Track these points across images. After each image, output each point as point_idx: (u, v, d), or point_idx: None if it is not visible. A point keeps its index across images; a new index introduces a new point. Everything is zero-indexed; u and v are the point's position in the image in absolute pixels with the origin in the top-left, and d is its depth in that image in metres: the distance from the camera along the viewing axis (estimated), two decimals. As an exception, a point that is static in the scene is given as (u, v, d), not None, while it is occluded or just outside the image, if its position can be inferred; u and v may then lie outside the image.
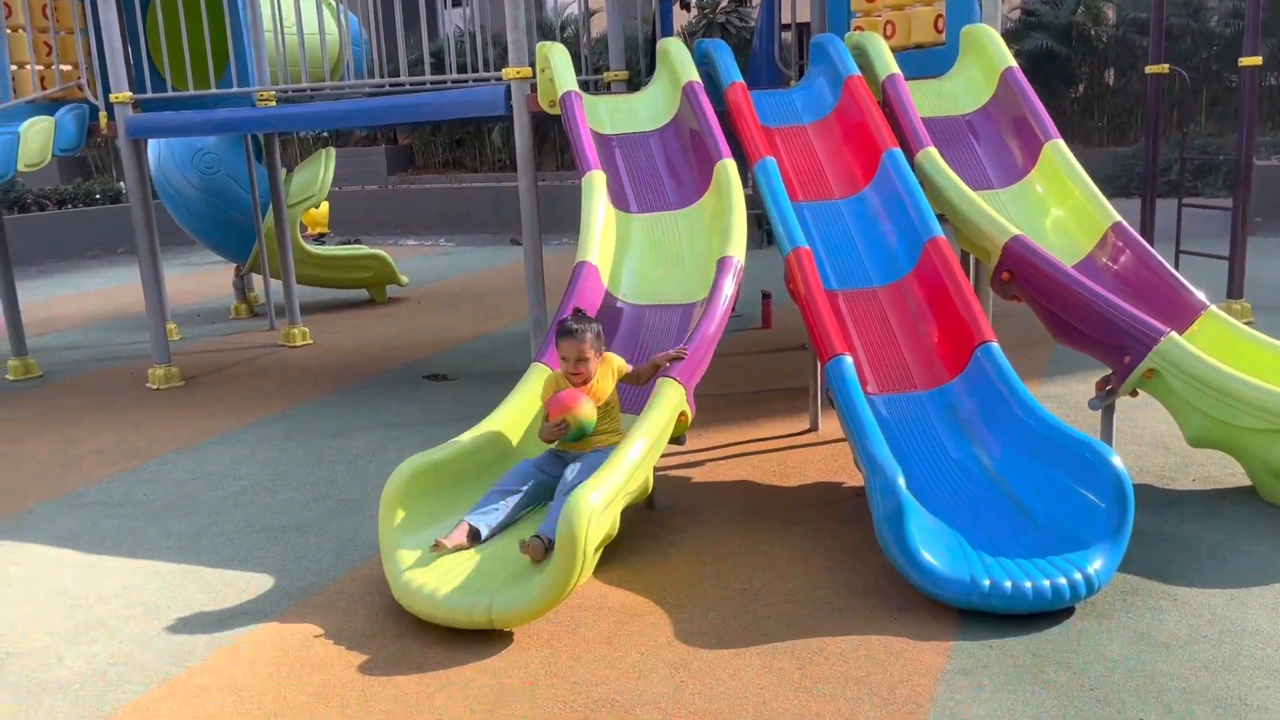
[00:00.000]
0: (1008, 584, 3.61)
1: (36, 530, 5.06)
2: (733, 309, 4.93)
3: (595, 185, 5.43)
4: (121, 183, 19.04)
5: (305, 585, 4.28)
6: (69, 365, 8.85)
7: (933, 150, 5.63)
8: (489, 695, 3.37)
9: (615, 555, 4.31)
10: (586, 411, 4.21)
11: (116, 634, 3.93)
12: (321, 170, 10.81)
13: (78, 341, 9.95)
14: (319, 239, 14.80)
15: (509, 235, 17.46)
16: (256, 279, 11.06)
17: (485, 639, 3.69)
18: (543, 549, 3.84)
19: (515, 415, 4.61)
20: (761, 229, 12.90)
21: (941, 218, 5.35)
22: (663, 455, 4.46)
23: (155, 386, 7.80)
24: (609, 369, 4.45)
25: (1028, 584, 3.61)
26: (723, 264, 4.92)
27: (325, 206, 15.12)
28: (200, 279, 13.86)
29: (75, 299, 12.76)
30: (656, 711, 3.23)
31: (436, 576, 3.85)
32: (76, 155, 6.96)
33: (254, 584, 4.32)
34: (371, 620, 3.93)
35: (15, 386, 8.19)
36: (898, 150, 5.55)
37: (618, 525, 3.98)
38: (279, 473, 5.75)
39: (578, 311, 4.48)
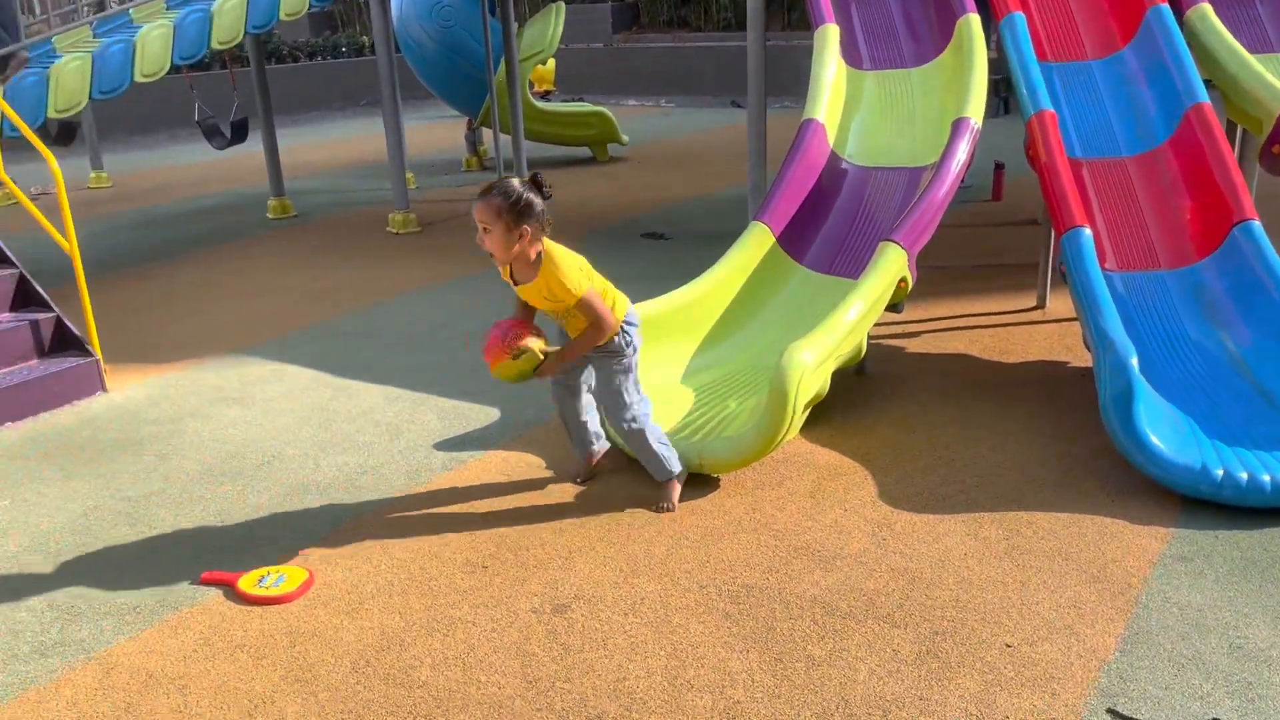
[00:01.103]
0: (1243, 475, 3.41)
1: (294, 354, 5.59)
2: (963, 177, 4.73)
3: (828, 39, 5.26)
4: (365, 36, 19.90)
5: (528, 419, 4.57)
6: (318, 207, 9.55)
7: (1206, 6, 5.10)
8: (695, 534, 3.54)
9: (823, 417, 4.34)
10: (505, 368, 3.47)
11: (364, 448, 4.35)
12: (551, 25, 10.94)
13: (325, 186, 10.67)
14: (545, 95, 15.08)
15: (730, 98, 17.19)
16: (487, 133, 11.45)
17: (692, 482, 3.85)
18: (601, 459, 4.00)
19: (732, 273, 4.66)
20: (999, 96, 12.12)
21: (1208, 83, 4.89)
22: (878, 323, 4.41)
23: (394, 230, 8.31)
24: (560, 265, 3.38)
25: (1266, 477, 3.40)
26: (958, 126, 4.71)
27: (551, 63, 15.34)
28: (435, 131, 14.47)
29: (321, 146, 13.65)
30: (858, 565, 3.31)
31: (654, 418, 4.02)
32: (326, 9, 7.33)
33: (481, 415, 4.64)
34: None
35: (274, 224, 8.92)
36: (1165, 6, 5.07)
37: (828, 386, 4.00)
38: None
39: (535, 176, 3.38)
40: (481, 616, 3.11)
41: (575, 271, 3.40)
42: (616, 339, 3.55)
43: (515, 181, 3.32)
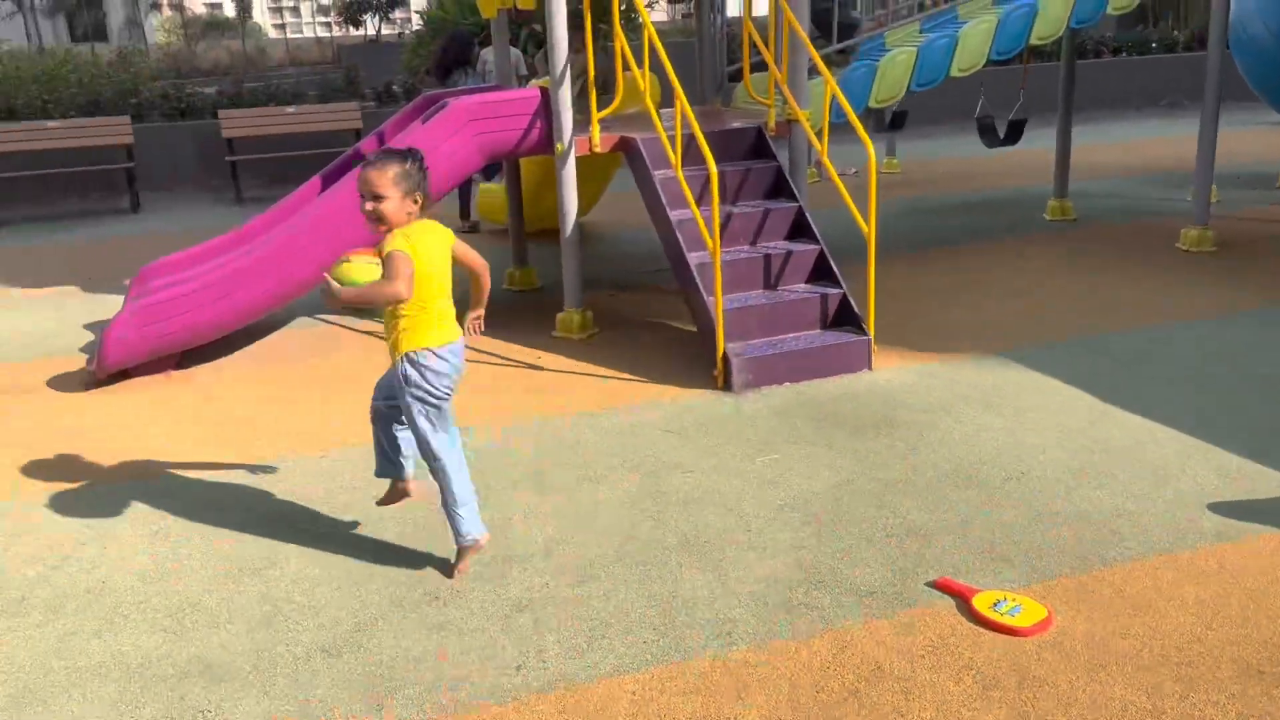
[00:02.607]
0: None
1: (1055, 366, 5.30)
2: None
3: None
4: (1178, 31, 18.33)
5: (1337, 503, 3.74)
6: (1099, 212, 9.00)
7: None
8: None
9: None
10: (346, 268, 3.26)
11: (1123, 488, 3.94)
12: None
13: (1108, 190, 10.04)
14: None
15: None
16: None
17: None
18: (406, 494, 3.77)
19: None
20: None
21: None
22: None
23: (1185, 248, 7.48)
24: (426, 236, 3.29)
25: None
26: None
27: None
28: (1246, 138, 12.78)
29: (1110, 147, 12.88)
30: None
31: None
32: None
33: (1271, 482, 3.91)
34: None
35: (1050, 225, 8.63)
36: None
37: None
38: (1317, 368, 5.07)
39: (412, 150, 3.32)
40: (1250, 734, 2.59)
41: (400, 236, 3.21)
42: (401, 365, 3.32)
43: (401, 152, 3.28)
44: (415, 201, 3.23)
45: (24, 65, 13.82)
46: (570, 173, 5.97)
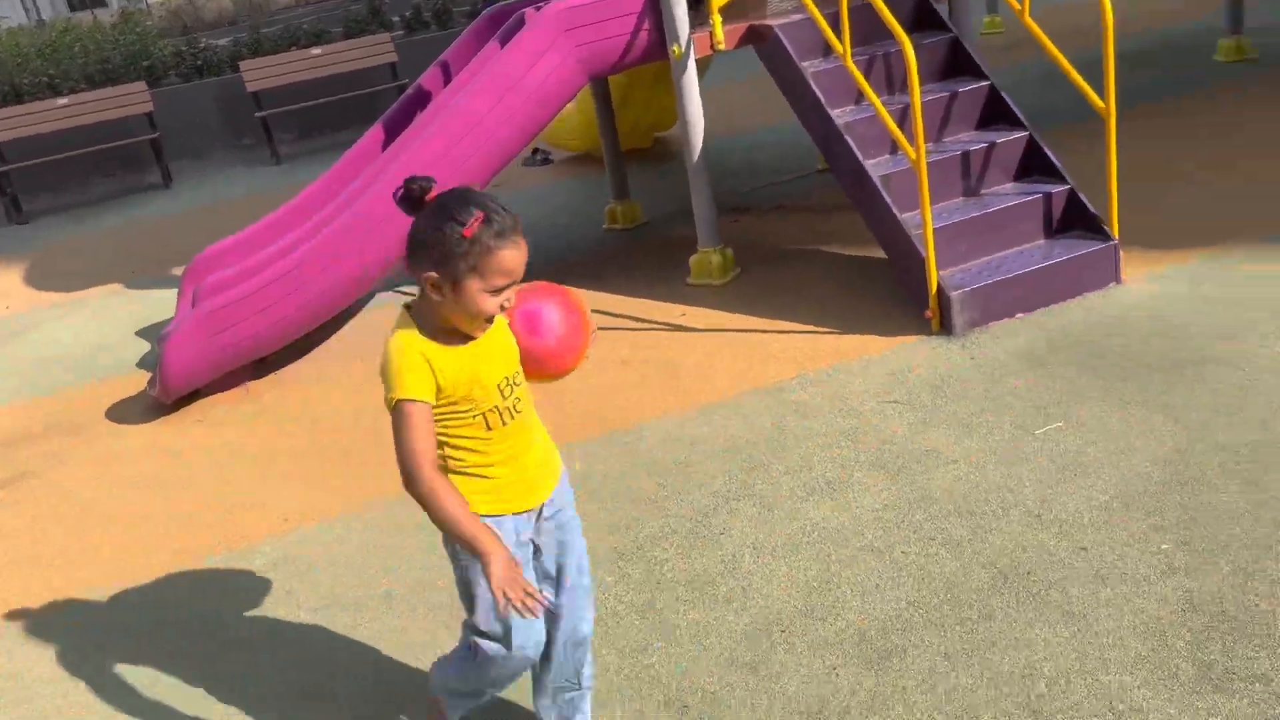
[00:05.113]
0: None
1: None
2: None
3: None
4: None
5: None
6: None
7: None
8: None
9: None
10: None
11: None
12: None
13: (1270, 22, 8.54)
14: None
15: None
16: None
17: None
18: None
19: None
20: None
21: None
22: None
23: None
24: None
25: None
26: None
27: None
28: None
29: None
30: None
31: None
32: None
33: None
34: None
35: (1229, 70, 7.25)
36: None
37: None
38: None
39: (475, 194, 1.92)
40: None
41: None
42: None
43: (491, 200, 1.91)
44: None
45: (24, 41, 12.71)
46: (692, 81, 4.79)
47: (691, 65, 4.77)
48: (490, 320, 1.93)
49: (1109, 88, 4.06)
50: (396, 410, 1.90)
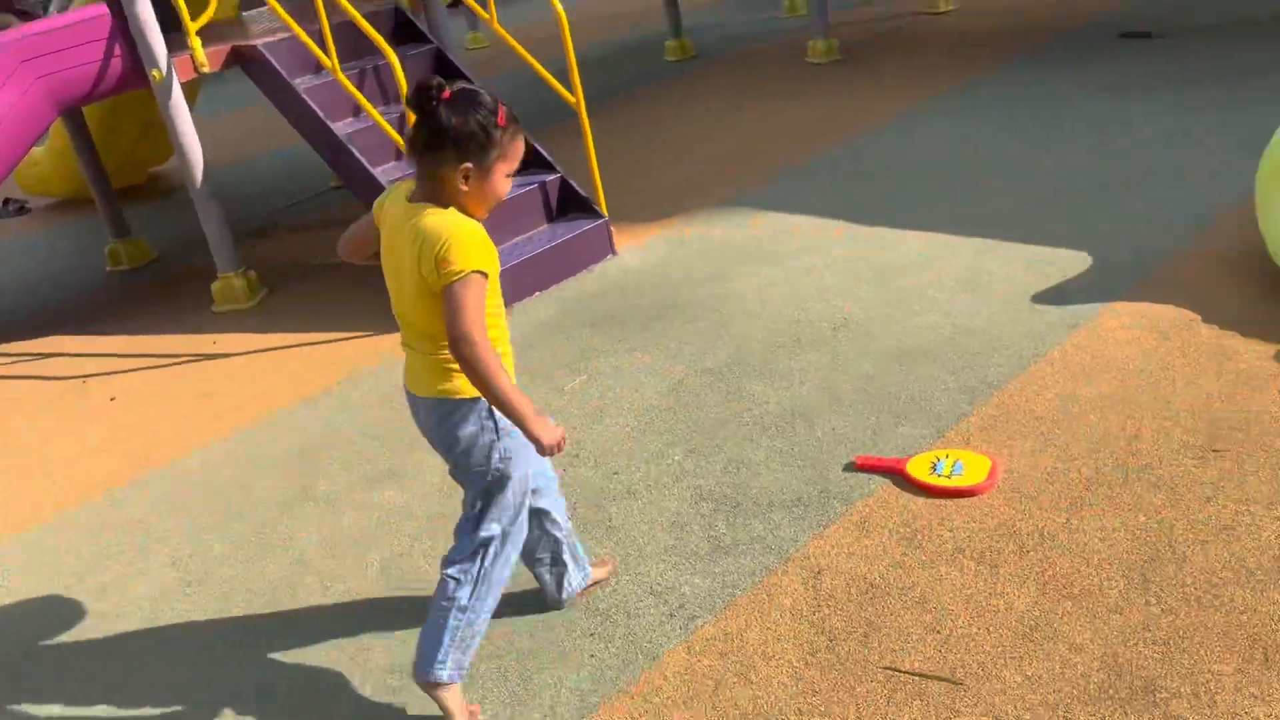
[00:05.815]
0: None
1: (786, 201, 5.05)
2: None
3: None
4: None
5: (1128, 262, 3.80)
6: (710, 45, 8.87)
7: None
8: None
9: None
10: None
11: (948, 308, 3.75)
12: None
13: (722, 21, 9.90)
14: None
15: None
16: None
17: None
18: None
19: None
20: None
21: None
22: None
23: (816, 61, 7.55)
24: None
25: None
26: None
27: None
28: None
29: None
30: None
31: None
32: None
33: (1070, 261, 3.90)
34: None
35: (675, 68, 8.38)
36: None
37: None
38: (1000, 145, 5.23)
39: (478, 87, 2.10)
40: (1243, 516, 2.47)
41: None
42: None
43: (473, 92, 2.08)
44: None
45: None
46: (180, 105, 4.67)
47: (177, 89, 4.64)
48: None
49: (575, 83, 4.60)
50: (466, 282, 1.97)
